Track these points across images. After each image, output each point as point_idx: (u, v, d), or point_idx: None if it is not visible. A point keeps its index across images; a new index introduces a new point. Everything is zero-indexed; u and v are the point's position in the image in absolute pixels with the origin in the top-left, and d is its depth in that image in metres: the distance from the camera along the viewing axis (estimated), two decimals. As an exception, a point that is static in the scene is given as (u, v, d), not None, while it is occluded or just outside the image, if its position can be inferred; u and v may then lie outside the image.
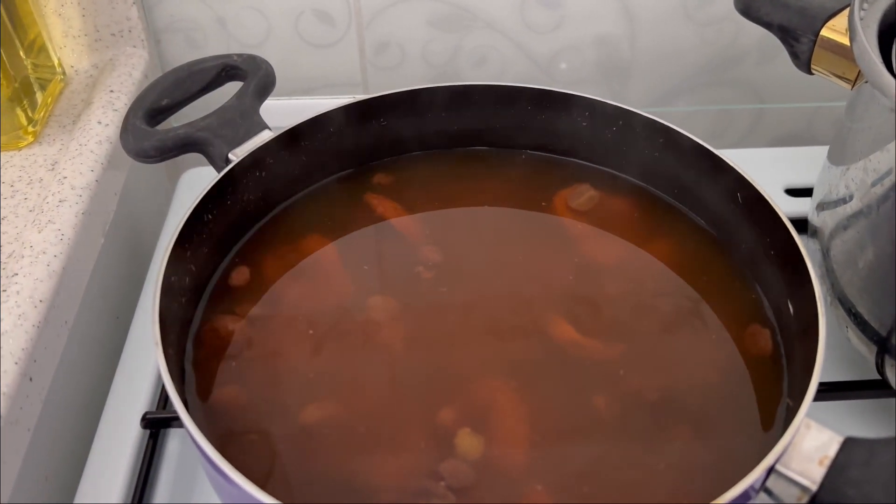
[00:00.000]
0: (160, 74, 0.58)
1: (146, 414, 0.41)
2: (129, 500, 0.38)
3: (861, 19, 0.38)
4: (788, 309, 0.35)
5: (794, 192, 0.55)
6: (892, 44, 0.39)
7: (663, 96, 0.65)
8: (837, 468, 0.26)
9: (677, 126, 0.40)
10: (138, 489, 0.38)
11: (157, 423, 0.41)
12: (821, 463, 0.27)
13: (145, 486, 0.39)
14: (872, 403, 0.42)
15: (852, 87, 0.42)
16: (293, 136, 0.41)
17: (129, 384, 0.43)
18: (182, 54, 0.60)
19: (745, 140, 0.69)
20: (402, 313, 0.37)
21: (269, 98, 0.42)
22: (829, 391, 0.42)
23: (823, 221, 0.44)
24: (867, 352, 0.40)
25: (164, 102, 0.41)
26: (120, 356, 0.44)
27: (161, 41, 0.59)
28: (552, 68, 0.63)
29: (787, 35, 0.43)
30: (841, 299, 0.42)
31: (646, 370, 0.35)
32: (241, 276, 0.39)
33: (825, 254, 0.43)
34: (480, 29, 0.60)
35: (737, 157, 0.59)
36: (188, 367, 0.34)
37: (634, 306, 0.38)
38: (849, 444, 0.27)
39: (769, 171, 0.57)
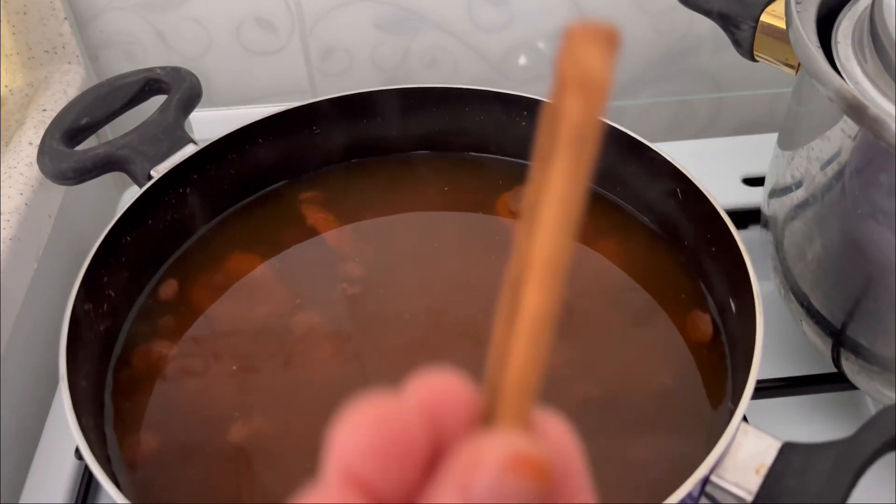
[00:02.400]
0: (97, 91, 0.56)
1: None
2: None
3: (798, 2, 0.37)
4: (731, 308, 0.33)
5: (753, 182, 0.54)
6: (832, 27, 0.38)
7: (621, 89, 0.64)
8: (774, 477, 0.25)
9: (634, 120, 0.39)
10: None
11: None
12: (757, 472, 0.25)
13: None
14: (832, 396, 0.41)
15: (796, 72, 0.41)
16: (219, 149, 0.39)
17: (64, 415, 0.41)
18: (121, 69, 0.58)
19: (707, 130, 0.68)
20: (336, 328, 0.36)
21: (212, 109, 0.41)
22: (786, 386, 0.41)
23: (775, 211, 0.43)
24: (822, 345, 0.39)
25: (84, 121, 0.39)
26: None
27: (99, 57, 0.58)
28: (505, 67, 0.62)
29: (727, 23, 0.42)
30: (794, 292, 0.41)
31: (592, 376, 0.34)
32: (168, 292, 0.37)
33: (778, 245, 0.42)
34: (429, 30, 0.59)
35: (694, 148, 0.59)
36: (107, 401, 0.33)
37: (579, 310, 0.36)
38: (786, 451, 0.26)
39: (727, 161, 0.56)
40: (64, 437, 0.40)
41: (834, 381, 0.40)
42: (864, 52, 0.35)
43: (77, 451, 0.39)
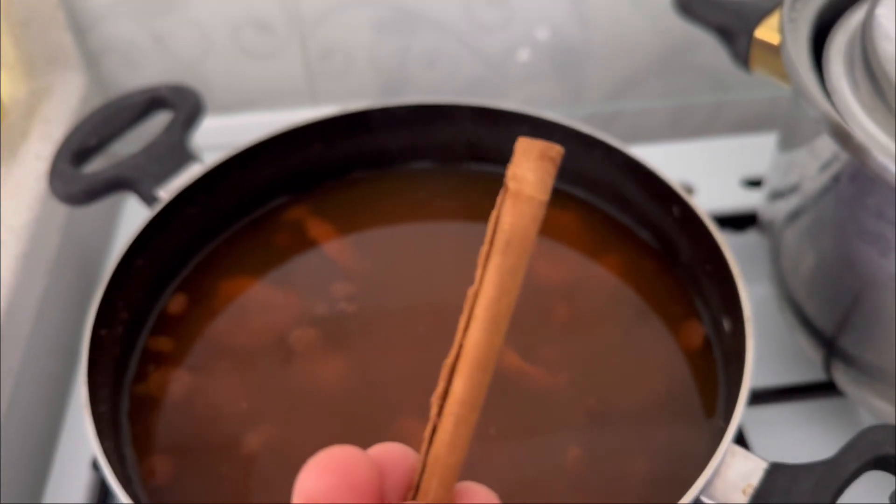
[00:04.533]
0: (100, 98, 0.57)
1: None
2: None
3: (791, 21, 0.37)
4: (723, 325, 0.35)
5: (753, 184, 0.54)
6: (826, 39, 0.38)
7: (621, 88, 0.65)
8: (760, 497, 0.26)
9: (633, 121, 0.39)
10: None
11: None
12: (744, 492, 0.27)
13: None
14: (823, 405, 0.42)
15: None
16: (223, 168, 0.40)
17: (79, 424, 0.42)
18: (122, 76, 0.59)
19: (707, 128, 0.68)
20: (341, 341, 0.37)
21: (213, 116, 0.41)
22: (779, 394, 0.42)
23: (772, 216, 0.43)
24: (815, 354, 0.40)
25: (93, 142, 0.40)
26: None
27: (100, 64, 0.58)
28: (504, 67, 0.62)
29: (724, 36, 0.43)
30: (789, 300, 0.42)
31: (588, 390, 0.35)
32: (177, 309, 0.38)
33: (774, 252, 0.43)
34: (427, 31, 0.59)
35: (694, 149, 0.59)
36: (124, 421, 0.34)
37: (578, 329, 0.37)
38: (773, 471, 0.27)
39: (726, 162, 0.56)
40: (79, 451, 0.41)
41: (826, 390, 0.41)
42: (854, 72, 0.36)
43: (94, 462, 0.40)
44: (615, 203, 0.42)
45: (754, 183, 0.54)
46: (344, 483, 0.16)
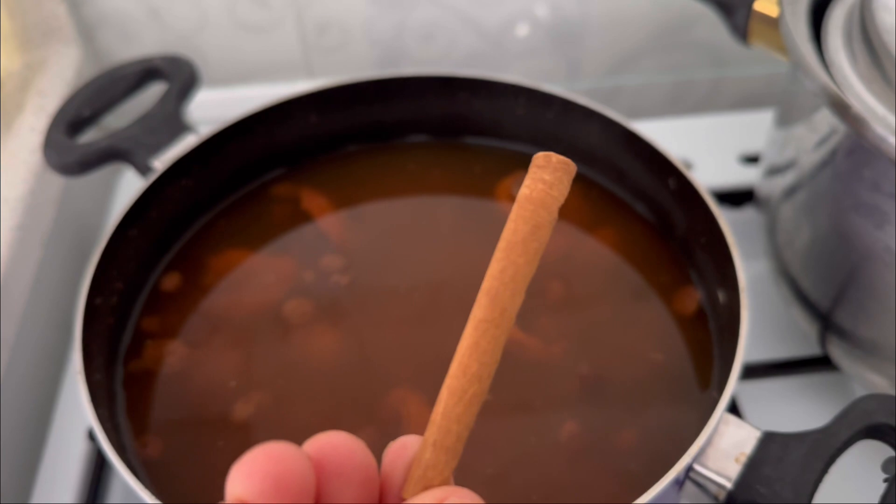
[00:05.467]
0: (95, 71, 0.56)
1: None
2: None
3: (791, -8, 0.37)
4: (718, 297, 0.35)
5: (751, 160, 0.54)
6: (825, 12, 0.38)
7: (619, 63, 0.64)
8: (752, 465, 0.26)
9: (632, 96, 0.39)
10: (89, 495, 0.38)
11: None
12: (737, 460, 0.27)
13: (96, 493, 0.39)
14: (818, 379, 0.42)
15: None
16: (219, 139, 0.40)
17: (75, 395, 0.42)
18: (117, 48, 0.58)
19: (706, 105, 0.68)
20: (335, 313, 0.37)
21: (208, 88, 0.41)
22: (774, 368, 0.42)
23: (768, 192, 0.43)
24: (810, 329, 0.40)
25: (87, 112, 0.40)
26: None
27: (94, 37, 0.58)
28: (502, 41, 0.62)
29: (723, 9, 0.42)
30: (785, 275, 0.42)
31: (586, 360, 0.35)
32: (172, 283, 0.38)
33: (770, 227, 0.43)
34: (425, 4, 0.59)
35: (693, 125, 0.59)
36: (118, 391, 0.34)
37: (574, 300, 0.37)
38: (766, 440, 0.27)
39: (725, 138, 0.56)
40: (75, 420, 0.41)
41: (820, 364, 0.41)
42: (853, 44, 0.35)
43: (90, 433, 0.40)
44: (612, 176, 0.42)
45: (752, 159, 0.54)
46: (273, 485, 0.15)
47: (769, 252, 0.43)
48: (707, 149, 0.55)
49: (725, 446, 0.27)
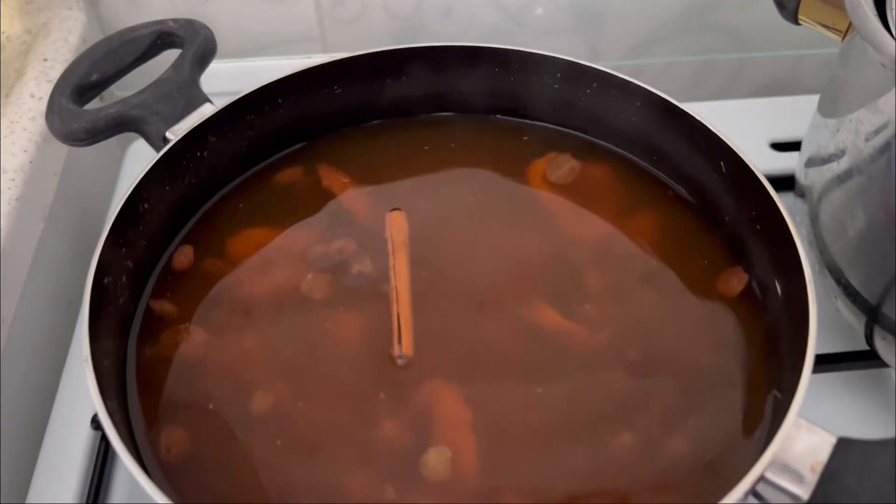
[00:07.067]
0: (99, 38, 0.53)
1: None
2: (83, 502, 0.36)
3: (854, -36, 0.35)
4: (776, 288, 0.32)
5: (781, 147, 0.52)
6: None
7: (642, 44, 0.62)
8: (830, 475, 0.24)
9: (654, 79, 0.37)
10: (92, 491, 0.36)
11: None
12: (812, 469, 0.25)
13: (99, 488, 0.36)
14: (862, 374, 0.40)
15: (843, 38, 0.39)
16: (237, 109, 0.37)
17: (78, 380, 0.40)
18: (123, 15, 0.55)
19: (727, 90, 0.66)
20: (359, 297, 0.35)
21: (219, 60, 0.39)
22: (817, 363, 0.40)
23: (812, 181, 0.41)
24: (856, 322, 0.38)
25: (94, 77, 0.37)
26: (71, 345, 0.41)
27: (100, 2, 0.54)
28: (523, 17, 0.59)
29: (773, -19, 0.40)
30: (830, 267, 0.40)
31: (633, 355, 0.32)
32: (185, 261, 0.36)
33: (814, 218, 0.41)
34: (445, -23, 0.56)
35: (718, 110, 0.57)
36: (129, 377, 0.31)
37: (616, 287, 0.35)
38: (842, 447, 0.25)
39: (753, 124, 0.54)
40: (77, 407, 0.39)
41: (865, 359, 0.39)
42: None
43: (93, 419, 0.38)
44: (651, 158, 0.39)
45: (782, 145, 0.52)
46: None
47: (812, 244, 0.41)
48: (736, 135, 0.53)
49: (798, 453, 0.25)
